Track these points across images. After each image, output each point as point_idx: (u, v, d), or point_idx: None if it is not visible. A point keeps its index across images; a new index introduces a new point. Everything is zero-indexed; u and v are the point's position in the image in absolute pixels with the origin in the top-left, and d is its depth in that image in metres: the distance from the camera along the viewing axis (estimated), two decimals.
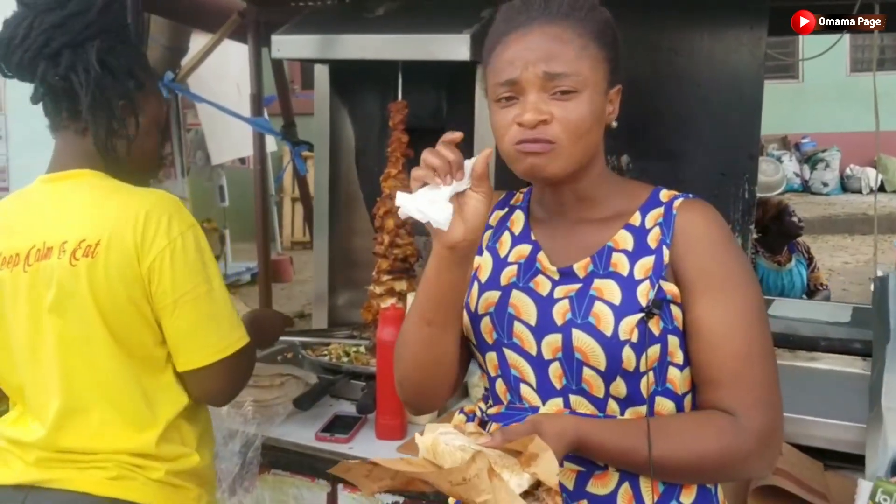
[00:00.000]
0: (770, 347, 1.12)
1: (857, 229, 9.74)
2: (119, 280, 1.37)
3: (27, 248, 1.42)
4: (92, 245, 1.37)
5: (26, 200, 1.50)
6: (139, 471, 1.42)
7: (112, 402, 1.41)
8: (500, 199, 1.34)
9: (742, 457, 1.08)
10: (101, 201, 1.42)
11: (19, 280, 1.42)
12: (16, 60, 1.43)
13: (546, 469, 0.94)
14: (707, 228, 1.14)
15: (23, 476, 1.42)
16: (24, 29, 1.42)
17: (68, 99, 1.45)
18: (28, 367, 1.44)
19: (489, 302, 1.20)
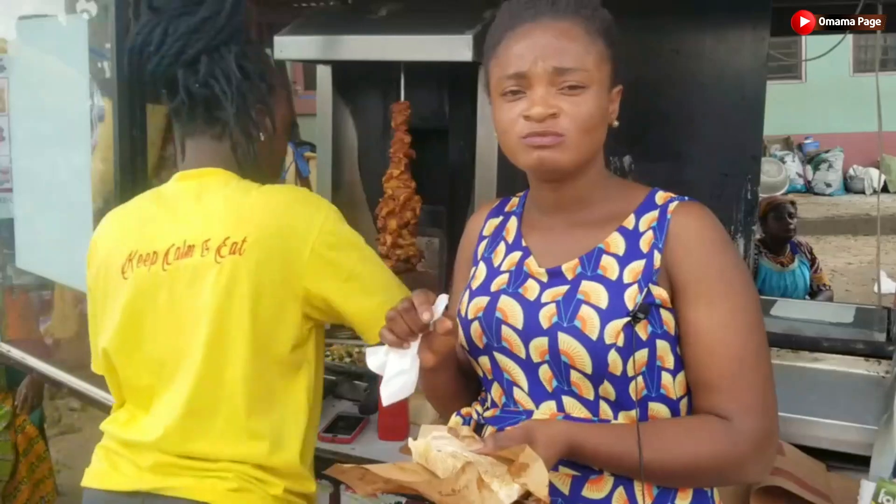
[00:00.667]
0: (765, 351, 1.12)
1: (860, 230, 9.73)
2: (269, 276, 1.35)
3: (166, 246, 1.40)
4: (238, 242, 1.35)
5: (160, 199, 1.48)
6: (259, 484, 1.37)
7: (239, 406, 1.37)
8: (494, 206, 1.34)
9: (737, 461, 1.07)
10: (241, 198, 1.40)
11: (158, 278, 1.39)
12: (151, 68, 1.41)
13: (536, 480, 0.93)
14: (701, 232, 1.13)
15: (138, 482, 1.38)
16: (159, 36, 1.40)
17: (206, 106, 1.43)
18: (159, 365, 1.41)
19: (478, 307, 1.21)
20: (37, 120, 2.62)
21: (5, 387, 3.27)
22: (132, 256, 1.43)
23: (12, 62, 2.76)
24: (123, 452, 1.43)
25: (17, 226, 2.76)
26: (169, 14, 1.41)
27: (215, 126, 1.45)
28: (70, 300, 2.88)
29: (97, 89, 2.37)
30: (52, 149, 2.53)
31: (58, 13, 2.44)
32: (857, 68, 11.53)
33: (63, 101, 2.44)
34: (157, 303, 1.40)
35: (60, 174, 2.49)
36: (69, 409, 4.87)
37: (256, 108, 1.45)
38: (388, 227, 2.18)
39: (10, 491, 3.19)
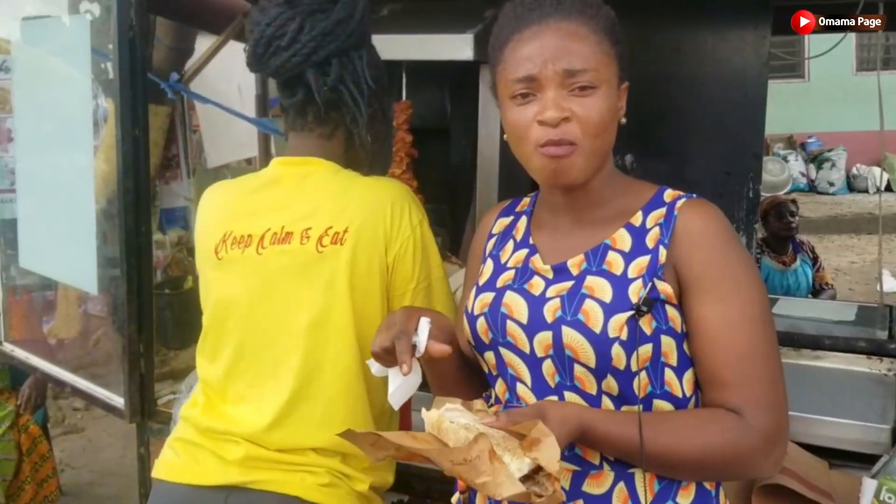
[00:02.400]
0: (774, 346, 1.11)
1: (863, 229, 9.71)
2: (366, 267, 1.37)
3: (261, 230, 1.40)
4: (340, 232, 1.37)
5: (259, 183, 1.48)
6: (346, 480, 1.39)
7: (336, 397, 1.38)
8: (505, 206, 1.35)
9: (747, 455, 1.07)
10: (344, 190, 1.41)
11: (250, 261, 1.40)
12: (278, 63, 1.40)
13: (547, 455, 0.94)
14: (708, 227, 1.13)
15: (223, 476, 1.37)
16: (293, 32, 1.38)
17: (324, 105, 1.43)
18: (254, 352, 1.41)
19: (484, 303, 1.21)
20: (40, 121, 2.63)
21: (9, 386, 3.28)
22: (227, 237, 1.43)
23: (16, 63, 2.76)
24: (205, 444, 1.41)
25: (21, 226, 2.77)
26: (303, 10, 1.40)
27: (327, 125, 1.46)
28: (73, 300, 2.89)
29: (100, 90, 2.38)
30: (56, 149, 2.54)
31: (61, 14, 2.45)
32: (859, 67, 11.51)
33: (66, 101, 2.44)
34: (249, 287, 1.41)
35: (63, 175, 2.49)
36: (72, 409, 4.88)
37: (377, 112, 1.47)
38: None
39: (14, 490, 3.19)
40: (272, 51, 1.40)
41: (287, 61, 1.40)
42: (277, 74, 1.44)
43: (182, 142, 3.79)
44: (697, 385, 1.15)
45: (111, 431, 4.46)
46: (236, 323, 1.42)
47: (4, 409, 3.20)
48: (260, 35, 1.41)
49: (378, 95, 1.47)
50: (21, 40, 2.70)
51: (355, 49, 1.43)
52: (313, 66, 1.40)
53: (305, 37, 1.39)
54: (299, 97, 1.44)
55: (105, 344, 2.65)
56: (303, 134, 1.47)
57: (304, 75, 1.41)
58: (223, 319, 1.44)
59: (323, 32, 1.39)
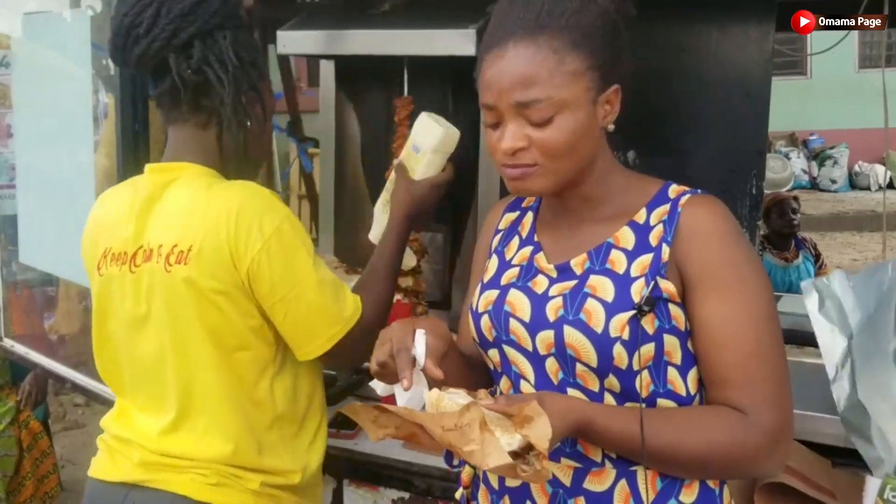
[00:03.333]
0: (780, 344, 1.11)
1: (865, 226, 9.70)
2: (215, 284, 1.33)
3: (135, 247, 1.40)
4: (184, 251, 1.33)
5: (135, 192, 1.46)
6: (236, 480, 1.41)
7: (213, 410, 1.40)
8: (512, 201, 1.34)
9: (750, 454, 1.06)
10: (194, 203, 1.37)
11: (126, 279, 1.40)
12: (139, 52, 1.37)
13: (538, 433, 0.94)
14: (712, 224, 1.11)
15: (129, 474, 1.43)
16: (150, 18, 1.35)
17: (193, 93, 1.40)
18: (135, 369, 1.44)
19: (488, 300, 1.21)
20: (41, 116, 2.62)
21: (9, 382, 3.28)
22: (106, 253, 1.44)
23: (17, 58, 2.76)
24: (117, 447, 1.47)
25: (21, 222, 2.77)
26: None
27: (201, 114, 1.43)
28: (74, 296, 2.88)
29: (101, 85, 2.37)
30: (56, 145, 2.53)
31: (62, 9, 2.45)
32: (862, 64, 11.49)
33: (67, 97, 2.44)
34: (125, 304, 1.42)
35: (64, 170, 2.49)
36: (73, 405, 4.89)
37: (249, 95, 1.43)
38: None
39: (15, 486, 3.19)
40: (132, 40, 1.37)
41: (148, 48, 1.36)
42: (141, 65, 1.39)
43: None
44: (701, 383, 1.14)
45: None
46: (120, 338, 1.45)
47: (5, 405, 3.20)
48: (119, 26, 1.38)
49: (248, 77, 1.42)
50: (22, 35, 2.70)
51: (220, 30, 1.40)
52: (175, 51, 1.36)
53: (163, 21, 1.35)
54: (167, 86, 1.40)
55: None
56: (178, 127, 1.45)
57: (167, 62, 1.37)
58: (108, 335, 1.47)
59: (181, 14, 1.36)
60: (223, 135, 1.43)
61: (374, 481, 1.73)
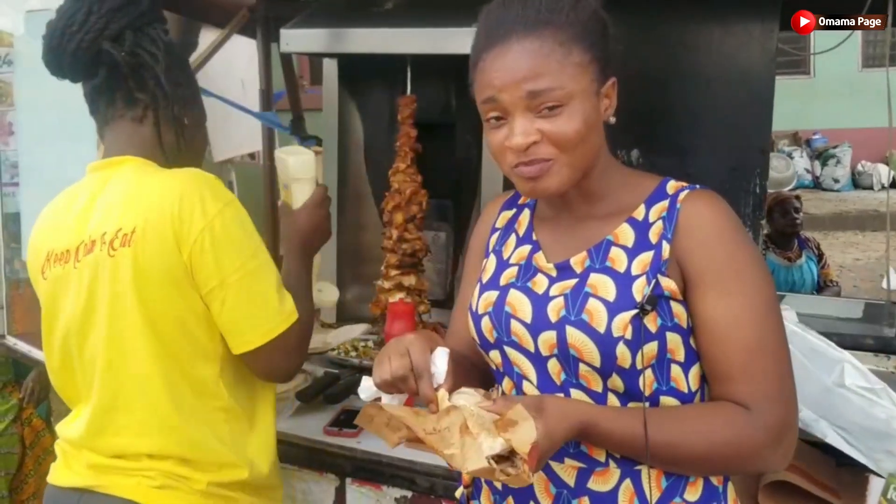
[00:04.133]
0: (783, 339, 1.10)
1: (868, 226, 9.69)
2: (159, 266, 1.32)
3: (76, 243, 1.40)
4: (128, 234, 1.32)
5: (74, 194, 1.48)
6: (183, 481, 1.39)
7: (155, 400, 1.37)
8: (508, 198, 1.33)
9: (754, 449, 1.06)
10: (135, 188, 1.37)
11: (70, 277, 1.40)
12: (72, 48, 1.40)
13: (521, 437, 0.94)
14: (712, 219, 1.11)
15: (79, 479, 1.42)
16: (82, 16, 1.40)
17: (126, 86, 1.43)
18: (76, 366, 1.44)
19: (488, 301, 1.21)
20: (43, 114, 2.62)
21: (12, 380, 3.28)
22: (49, 256, 1.44)
23: (19, 56, 2.76)
24: (69, 450, 1.47)
25: (24, 219, 2.77)
26: None
27: (136, 108, 1.45)
28: None
29: None
30: (59, 143, 2.53)
31: None
32: (865, 63, 11.47)
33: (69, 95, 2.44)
34: (70, 302, 1.41)
35: (66, 168, 2.49)
36: None
37: (182, 89, 1.47)
38: (394, 220, 2.17)
39: (17, 484, 3.20)
40: (67, 38, 1.40)
41: (82, 40, 1.40)
42: (76, 58, 1.41)
43: None
44: (703, 379, 1.14)
45: None
46: (66, 339, 1.44)
47: (8, 403, 3.20)
48: (52, 29, 1.43)
49: (180, 66, 1.48)
50: (24, 33, 2.70)
51: (149, 26, 1.45)
52: (108, 39, 1.40)
53: (94, 16, 1.40)
54: (102, 75, 1.43)
55: None
56: (115, 125, 1.46)
57: (101, 52, 1.40)
58: (54, 337, 1.46)
59: (112, 9, 1.41)
60: (161, 125, 1.45)
61: (376, 480, 1.73)
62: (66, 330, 1.43)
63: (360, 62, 2.42)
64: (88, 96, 1.47)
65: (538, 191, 1.12)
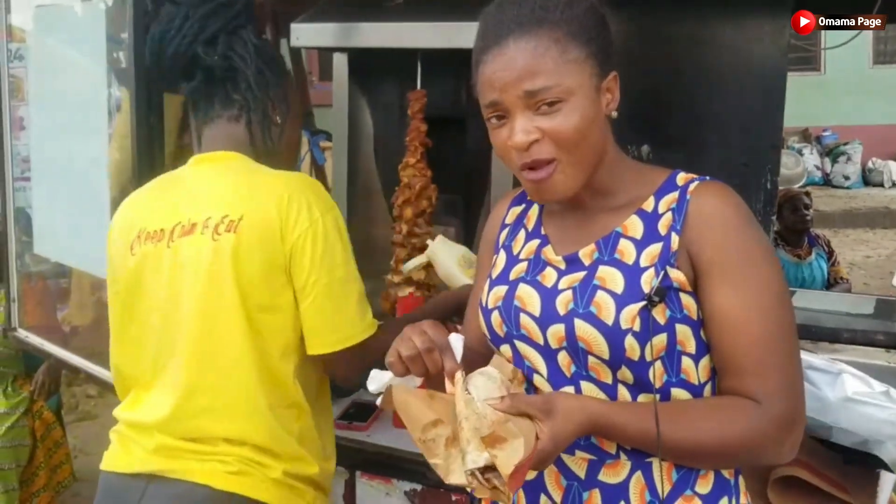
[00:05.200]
0: (792, 331, 1.10)
1: (878, 223, 9.65)
2: (260, 255, 1.37)
3: (171, 224, 1.44)
4: (235, 220, 1.38)
5: (173, 180, 1.54)
6: (258, 468, 1.40)
7: (239, 386, 1.40)
8: (517, 195, 1.34)
9: (763, 442, 1.06)
10: (245, 180, 1.44)
11: (162, 256, 1.43)
12: (170, 52, 1.49)
13: (506, 456, 0.94)
14: (721, 211, 1.10)
15: (144, 464, 1.42)
16: (180, 20, 1.49)
17: (223, 86, 1.50)
18: (158, 343, 1.44)
19: (497, 296, 1.21)
20: (54, 109, 2.63)
21: (23, 373, 3.30)
22: (140, 234, 1.47)
23: (30, 51, 2.77)
24: (132, 435, 1.46)
25: (35, 214, 2.78)
26: (188, 4, 1.50)
27: (232, 107, 1.51)
28: (87, 288, 2.90)
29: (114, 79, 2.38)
30: (70, 137, 2.54)
31: (73, 2, 2.45)
32: (877, 60, 11.41)
33: (81, 89, 2.45)
34: (159, 280, 1.43)
35: (78, 163, 2.50)
36: (86, 396, 4.92)
37: (273, 89, 1.52)
38: (403, 215, 2.18)
39: (28, 476, 3.22)
40: (166, 42, 1.49)
41: (179, 45, 1.48)
42: (174, 62, 1.50)
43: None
44: (713, 371, 1.14)
45: None
46: (147, 317, 1.45)
47: (19, 396, 3.22)
48: (153, 36, 1.51)
49: (273, 67, 1.53)
50: (35, 28, 2.71)
51: (242, 28, 1.52)
52: (202, 43, 1.48)
53: (190, 21, 1.49)
54: (198, 78, 1.50)
55: None
56: (212, 124, 1.52)
57: (197, 57, 1.48)
58: (136, 314, 1.47)
59: (206, 14, 1.49)
60: (252, 124, 1.51)
61: (386, 473, 1.74)
62: (149, 306, 1.45)
63: (371, 57, 2.42)
64: (189, 97, 1.55)
65: (545, 194, 1.13)
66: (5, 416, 3.14)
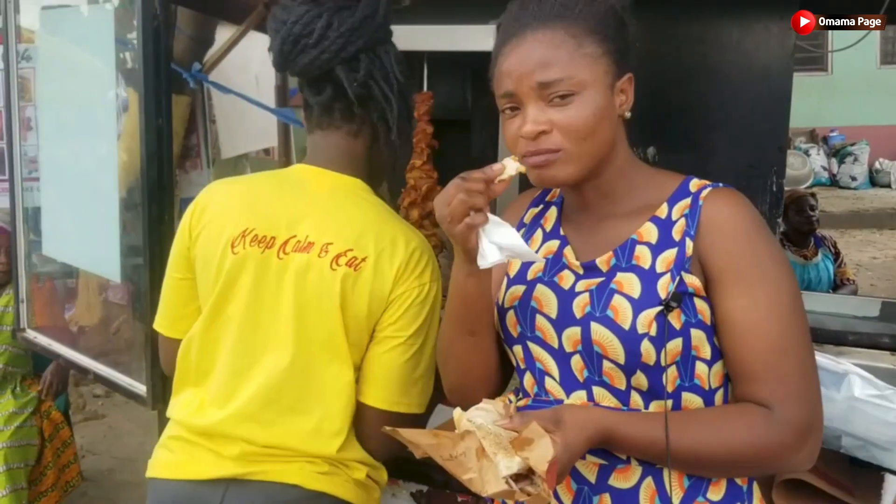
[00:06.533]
0: (805, 338, 1.10)
1: (885, 224, 9.62)
2: (369, 297, 1.37)
3: (286, 235, 1.40)
4: (358, 258, 1.37)
5: (288, 185, 1.47)
6: (344, 469, 1.41)
7: (328, 409, 1.39)
8: (536, 196, 1.34)
9: (777, 450, 1.06)
10: (374, 219, 1.42)
11: (270, 264, 1.40)
12: (306, 61, 1.40)
13: (538, 455, 0.94)
14: (734, 217, 1.11)
15: (220, 469, 1.38)
16: (321, 29, 1.39)
17: (353, 104, 1.43)
18: (246, 350, 1.41)
19: (514, 296, 1.21)
20: (63, 110, 2.64)
21: (31, 373, 3.32)
22: (247, 233, 1.42)
23: (38, 52, 2.78)
24: (200, 441, 1.42)
25: (44, 214, 2.79)
26: (329, 7, 1.40)
27: (353, 123, 1.46)
28: (94, 288, 2.91)
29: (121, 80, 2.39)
30: (78, 138, 2.55)
31: (80, 4, 2.46)
32: (884, 60, 11.38)
33: (88, 91, 2.46)
34: (262, 286, 1.40)
35: (86, 163, 2.51)
36: (93, 396, 4.94)
37: (400, 121, 1.47)
38: (410, 217, 2.18)
39: (36, 476, 3.23)
40: (300, 48, 1.40)
41: (316, 58, 1.39)
42: (305, 72, 1.43)
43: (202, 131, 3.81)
44: (726, 377, 1.14)
45: (131, 418, 4.50)
46: (234, 319, 1.42)
47: (27, 395, 3.24)
48: (287, 34, 1.40)
49: (404, 90, 1.47)
50: (42, 29, 2.72)
51: (381, 44, 1.44)
52: (342, 63, 1.40)
53: (334, 33, 1.38)
54: (328, 94, 1.43)
55: (125, 332, 2.67)
56: (328, 132, 1.47)
57: (332, 72, 1.40)
58: (222, 314, 1.43)
59: (351, 28, 1.39)
60: (374, 146, 1.48)
61: (393, 474, 1.74)
62: (239, 311, 1.41)
63: None
64: (309, 101, 1.48)
65: (545, 179, 1.13)
66: (14, 416, 3.16)
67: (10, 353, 3.23)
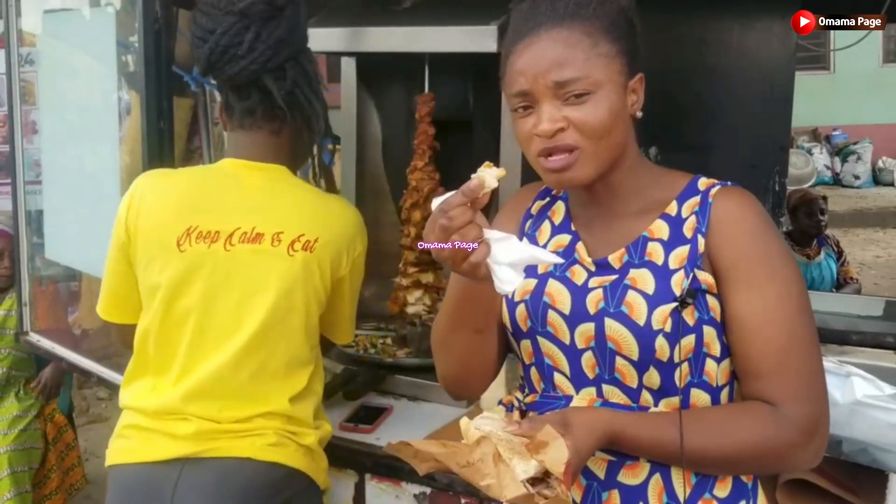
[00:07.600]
0: (813, 336, 1.10)
1: (889, 223, 9.60)
2: (328, 273, 1.54)
3: (230, 228, 1.48)
4: (311, 241, 1.50)
5: (221, 179, 1.56)
6: (293, 437, 1.50)
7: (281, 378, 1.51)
8: (542, 189, 1.33)
9: (784, 448, 1.07)
10: (314, 202, 1.57)
11: (218, 257, 1.48)
12: (235, 70, 1.48)
13: (553, 457, 0.94)
14: (744, 215, 1.12)
15: (175, 450, 1.46)
16: (249, 41, 1.46)
17: (277, 107, 1.52)
18: (201, 336, 1.49)
19: (525, 289, 1.20)
20: (65, 113, 2.65)
21: (34, 376, 3.32)
22: (191, 231, 1.48)
23: (41, 56, 2.79)
24: (154, 426, 1.48)
25: (46, 217, 2.80)
26: (256, 18, 1.46)
27: (274, 122, 1.54)
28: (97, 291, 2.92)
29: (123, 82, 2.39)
30: (81, 141, 2.56)
31: (82, 7, 2.47)
32: (886, 59, 11.36)
33: (91, 94, 2.46)
34: (214, 279, 1.48)
35: (88, 166, 2.51)
36: (97, 399, 4.94)
37: (318, 116, 1.58)
38: (411, 218, 2.18)
39: (40, 479, 3.24)
40: (228, 58, 1.47)
41: (244, 69, 1.47)
42: (232, 80, 1.51)
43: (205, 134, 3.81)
44: (732, 374, 1.14)
45: None
46: (191, 312, 1.49)
47: (31, 399, 3.24)
48: (215, 44, 1.47)
49: (321, 91, 1.59)
50: (44, 33, 2.72)
51: (302, 52, 1.54)
52: (269, 72, 1.48)
53: (262, 45, 1.46)
54: (253, 100, 1.52)
55: None
56: (251, 131, 1.55)
57: (259, 80, 1.49)
58: (176, 309, 1.49)
59: (278, 40, 1.48)
60: (295, 140, 1.59)
61: (395, 476, 1.74)
62: (191, 304, 1.48)
63: (379, 60, 2.42)
64: (226, 101, 1.57)
65: (564, 181, 1.12)
66: (18, 419, 3.16)
67: (14, 356, 3.23)
